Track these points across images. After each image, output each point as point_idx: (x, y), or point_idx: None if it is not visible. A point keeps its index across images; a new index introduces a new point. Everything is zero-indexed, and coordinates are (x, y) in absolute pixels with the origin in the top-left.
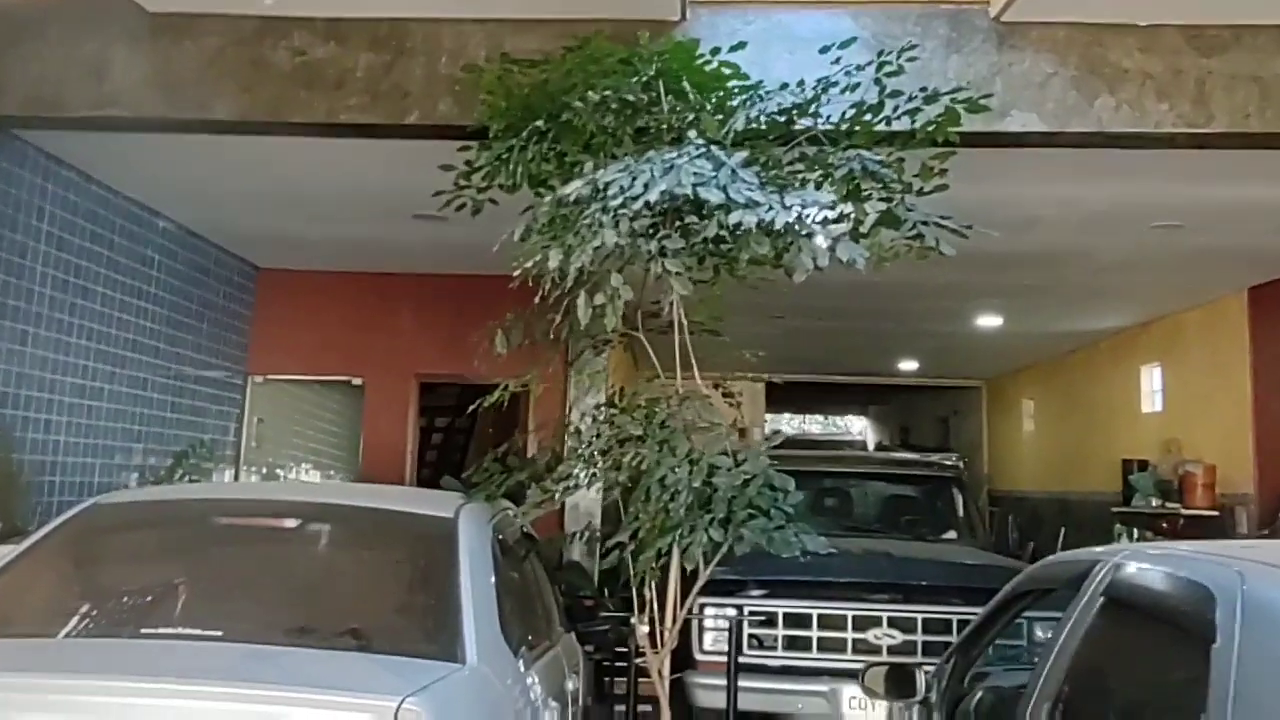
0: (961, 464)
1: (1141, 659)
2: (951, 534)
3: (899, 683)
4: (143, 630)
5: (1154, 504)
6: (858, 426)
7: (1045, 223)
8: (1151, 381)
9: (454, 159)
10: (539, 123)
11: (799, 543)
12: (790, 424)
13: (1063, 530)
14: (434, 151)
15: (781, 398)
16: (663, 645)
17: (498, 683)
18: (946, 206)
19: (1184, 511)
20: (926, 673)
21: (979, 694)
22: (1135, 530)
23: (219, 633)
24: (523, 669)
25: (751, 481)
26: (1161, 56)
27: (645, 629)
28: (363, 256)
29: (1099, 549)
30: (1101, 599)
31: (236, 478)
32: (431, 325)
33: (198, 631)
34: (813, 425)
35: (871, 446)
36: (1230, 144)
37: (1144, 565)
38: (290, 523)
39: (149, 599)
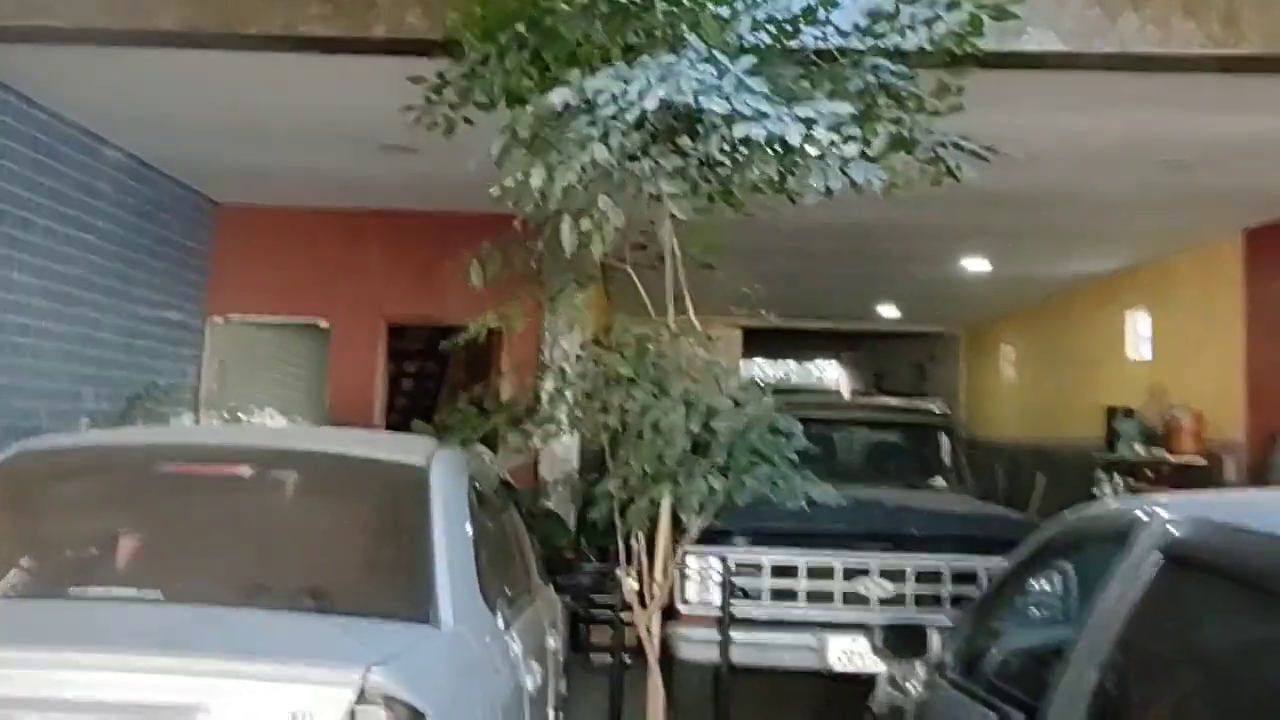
0: (947, 410)
1: (1214, 626)
2: (939, 481)
3: (909, 641)
4: (72, 590)
5: (1139, 451)
6: (832, 373)
7: (1044, 158)
8: (1137, 327)
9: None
10: (519, 26)
11: (805, 492)
12: (762, 370)
13: (1041, 478)
14: (401, 71)
15: (756, 343)
16: (652, 600)
17: (476, 645)
18: None
19: (1170, 459)
20: (940, 631)
21: (999, 655)
22: (1116, 477)
23: (158, 593)
24: (502, 628)
25: (754, 425)
26: None
27: (633, 584)
28: (328, 191)
29: (1144, 499)
30: (1158, 556)
31: (197, 422)
32: (401, 265)
33: (135, 592)
34: (789, 372)
35: (846, 393)
36: (1260, 68)
37: (1214, 519)
38: (242, 470)
39: (81, 555)
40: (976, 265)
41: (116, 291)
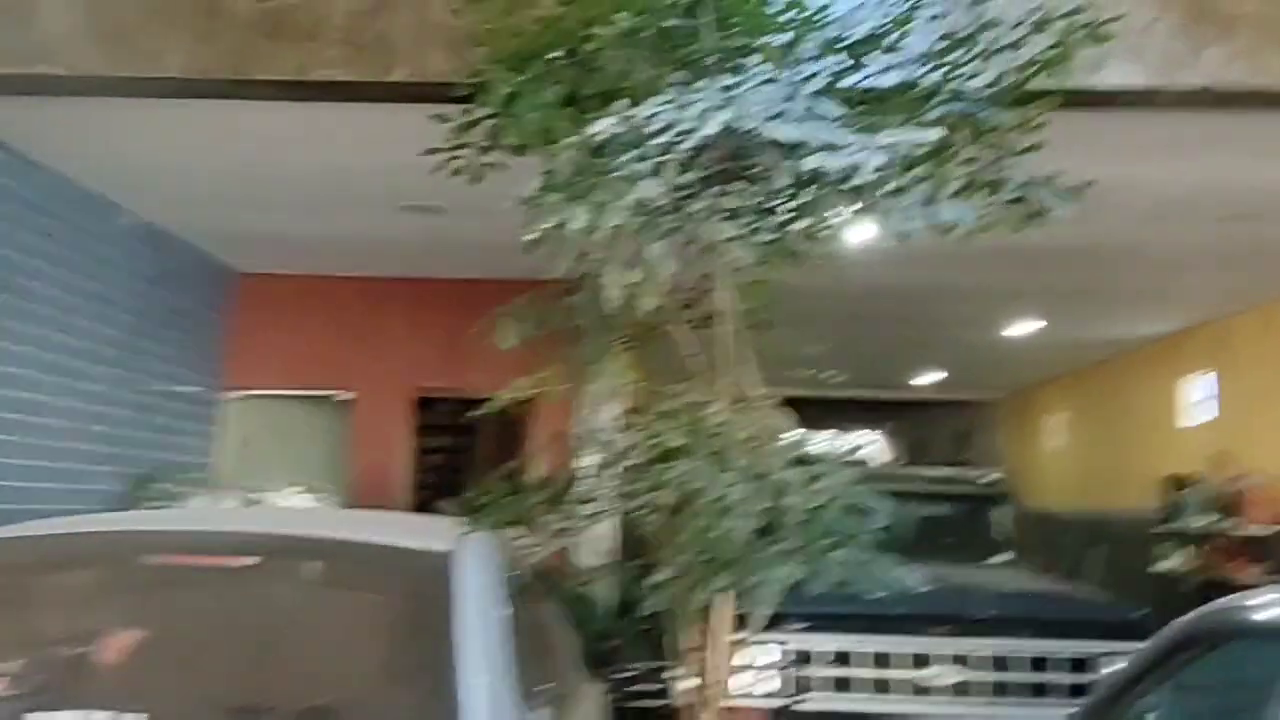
0: (1006, 479)
1: None
2: (1003, 555)
3: None
4: (30, 715)
5: (1205, 522)
6: (873, 444)
7: (1110, 210)
8: (1194, 392)
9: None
10: (556, 54)
11: (894, 578)
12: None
13: (1103, 549)
14: (424, 123)
15: (797, 414)
16: (710, 704)
17: None
18: None
19: (1241, 530)
20: None
21: None
22: (1188, 549)
23: (143, 716)
24: None
25: (831, 502)
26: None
27: (689, 683)
28: (351, 258)
29: None
30: None
31: (211, 503)
32: (429, 334)
33: (113, 716)
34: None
35: (888, 461)
36: None
37: None
38: (241, 561)
39: (47, 668)
40: (1024, 328)
41: (129, 364)
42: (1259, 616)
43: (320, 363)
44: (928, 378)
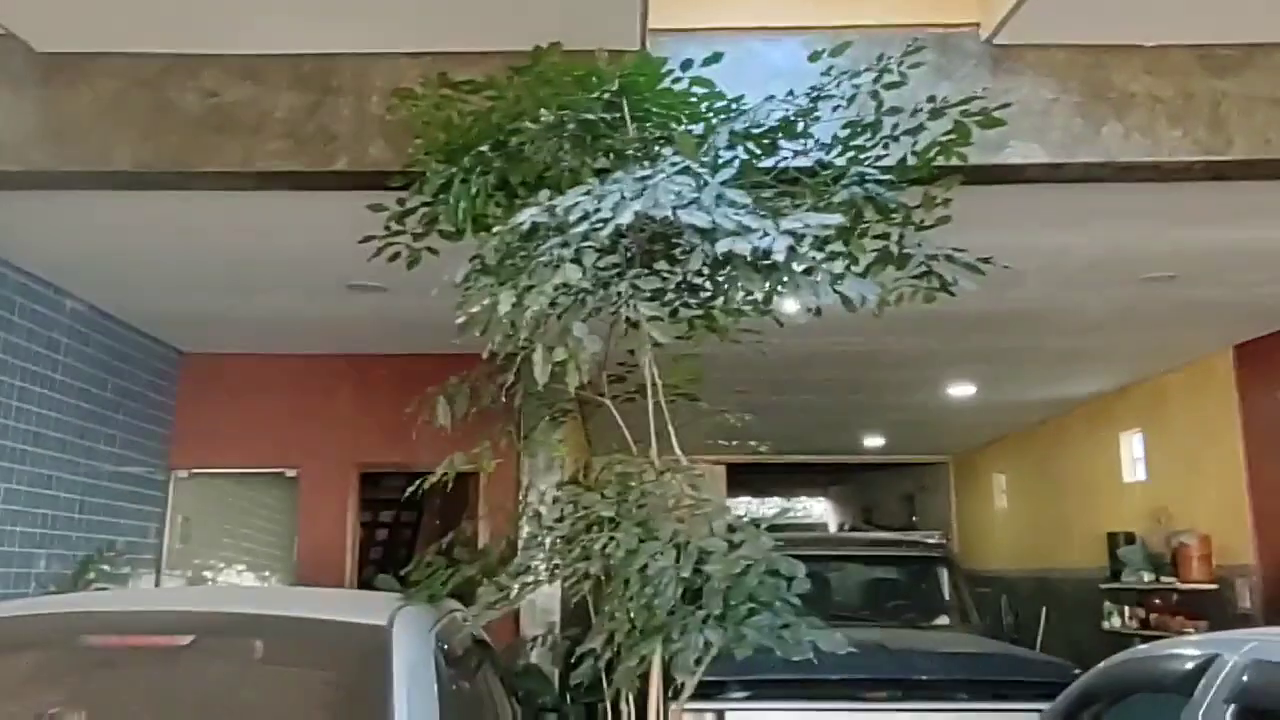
0: (946, 542)
1: None
2: (943, 619)
3: None
4: None
5: (1146, 579)
6: (818, 509)
7: (1031, 277)
8: (1133, 449)
9: (375, 204)
10: (484, 148)
11: (812, 642)
12: (748, 508)
13: (1044, 610)
14: (365, 208)
15: (741, 480)
16: None
17: None
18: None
19: (1180, 586)
20: None
21: None
22: (1126, 608)
23: None
24: None
25: (751, 569)
26: (1171, 79)
27: None
28: (295, 336)
29: (1199, 639)
30: (1231, 708)
31: (158, 582)
32: (372, 410)
33: None
34: (769, 509)
35: (833, 528)
36: (1251, 173)
37: None
38: (180, 640)
39: None
40: (963, 391)
41: (74, 446)
42: (1153, 670)
43: (265, 440)
44: (873, 441)
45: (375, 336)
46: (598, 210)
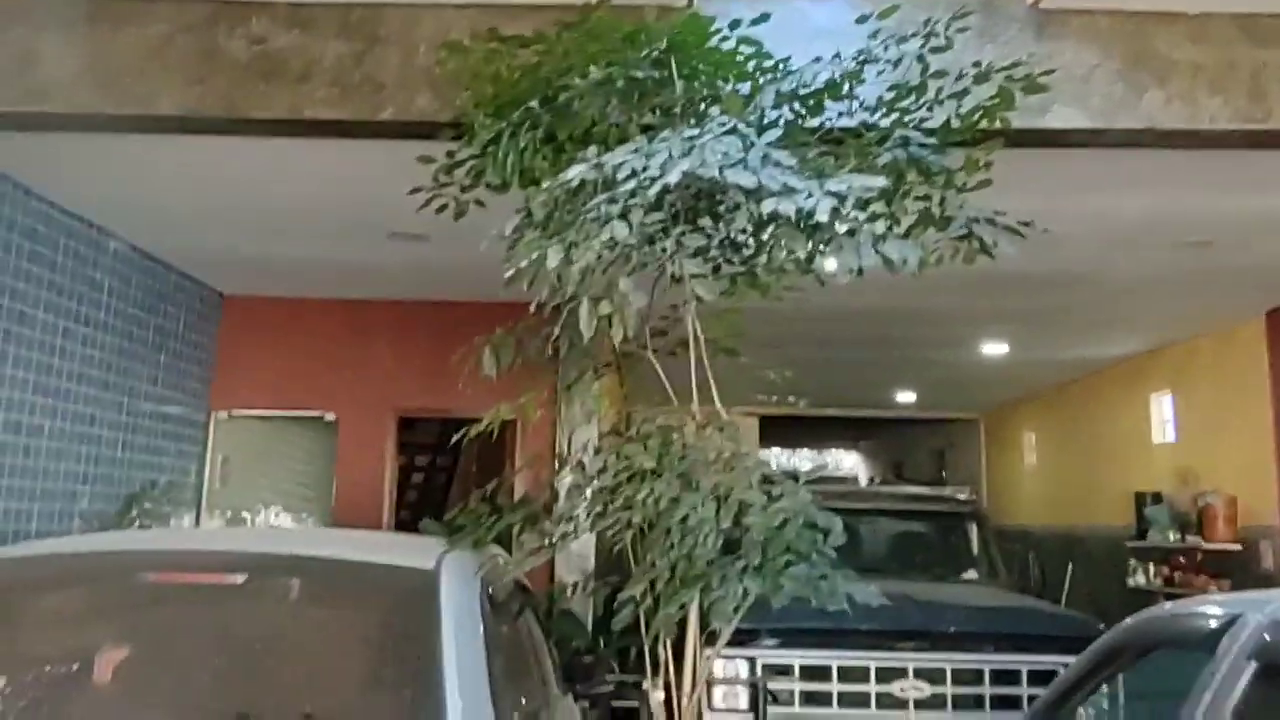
0: (975, 498)
1: None
2: (971, 573)
3: None
4: None
5: (1171, 538)
6: (849, 462)
7: (1067, 239)
8: (1163, 411)
9: (425, 156)
10: (533, 103)
11: (847, 593)
12: (782, 460)
13: (1070, 567)
14: (410, 155)
15: (773, 432)
16: (681, 715)
17: None
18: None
19: (1204, 545)
20: None
21: None
22: (1151, 565)
23: None
24: None
25: (789, 521)
26: (1213, 47)
27: (660, 695)
28: (336, 281)
29: (1224, 598)
30: (1253, 664)
31: (198, 522)
32: (411, 356)
33: None
34: (801, 461)
35: (863, 482)
36: None
37: None
38: (233, 579)
39: (46, 684)
40: (997, 349)
41: (116, 386)
42: (1177, 627)
43: (305, 383)
44: (905, 396)
45: (415, 283)
46: (646, 169)
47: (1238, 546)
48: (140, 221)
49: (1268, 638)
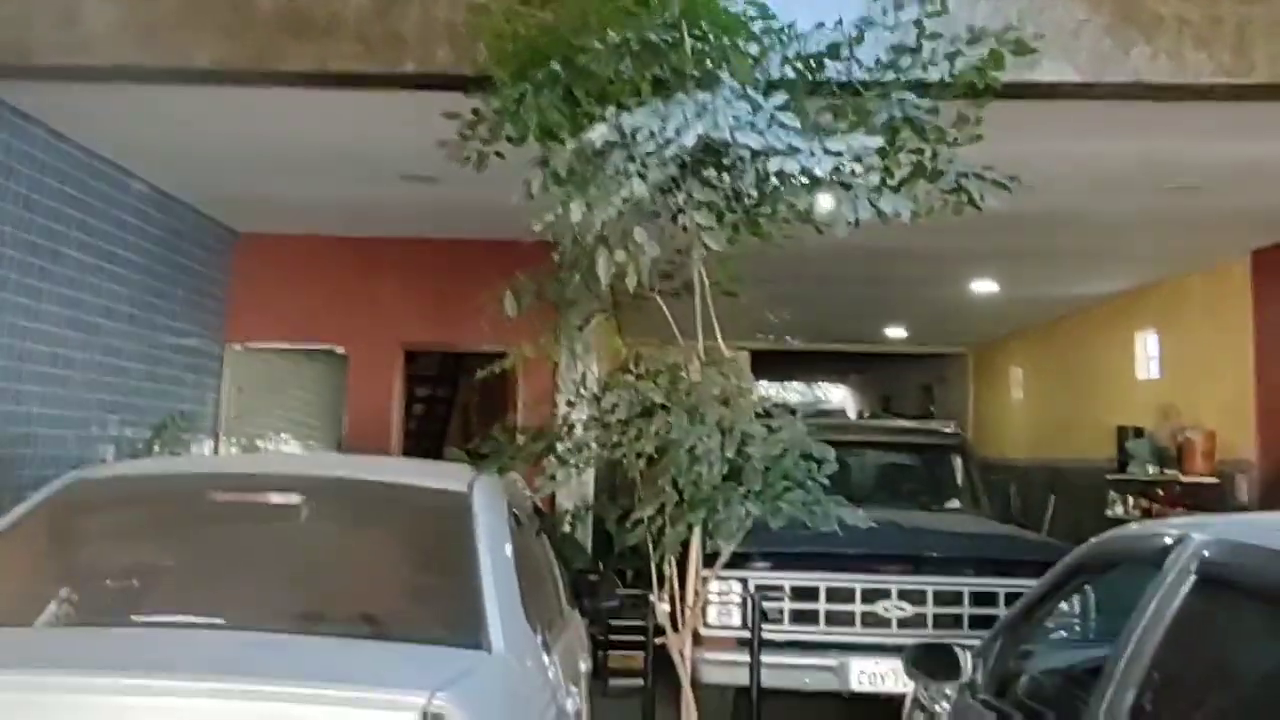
0: (960, 431)
1: (1246, 644)
2: (955, 503)
3: (942, 663)
4: (133, 617)
5: (1151, 471)
6: (838, 395)
7: (1057, 182)
8: (1147, 347)
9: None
10: (554, 64)
11: (838, 516)
12: (771, 393)
13: (1052, 498)
14: (426, 105)
15: (764, 365)
16: (684, 625)
17: (524, 670)
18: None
19: (1182, 479)
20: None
21: (1033, 675)
22: (1130, 497)
23: (220, 620)
24: (543, 652)
25: (788, 451)
26: (1199, 2)
27: (665, 607)
28: (346, 220)
29: (1177, 521)
30: (1193, 578)
31: (215, 450)
32: (417, 292)
33: (196, 619)
34: (791, 394)
35: (852, 415)
36: (1272, 95)
37: (1246, 541)
38: (293, 498)
39: (140, 583)
40: (986, 287)
41: (139, 320)
42: (1134, 546)
43: (316, 318)
44: (895, 331)
45: (423, 221)
46: (663, 130)
47: (1214, 480)
48: (163, 164)
49: (1206, 554)
